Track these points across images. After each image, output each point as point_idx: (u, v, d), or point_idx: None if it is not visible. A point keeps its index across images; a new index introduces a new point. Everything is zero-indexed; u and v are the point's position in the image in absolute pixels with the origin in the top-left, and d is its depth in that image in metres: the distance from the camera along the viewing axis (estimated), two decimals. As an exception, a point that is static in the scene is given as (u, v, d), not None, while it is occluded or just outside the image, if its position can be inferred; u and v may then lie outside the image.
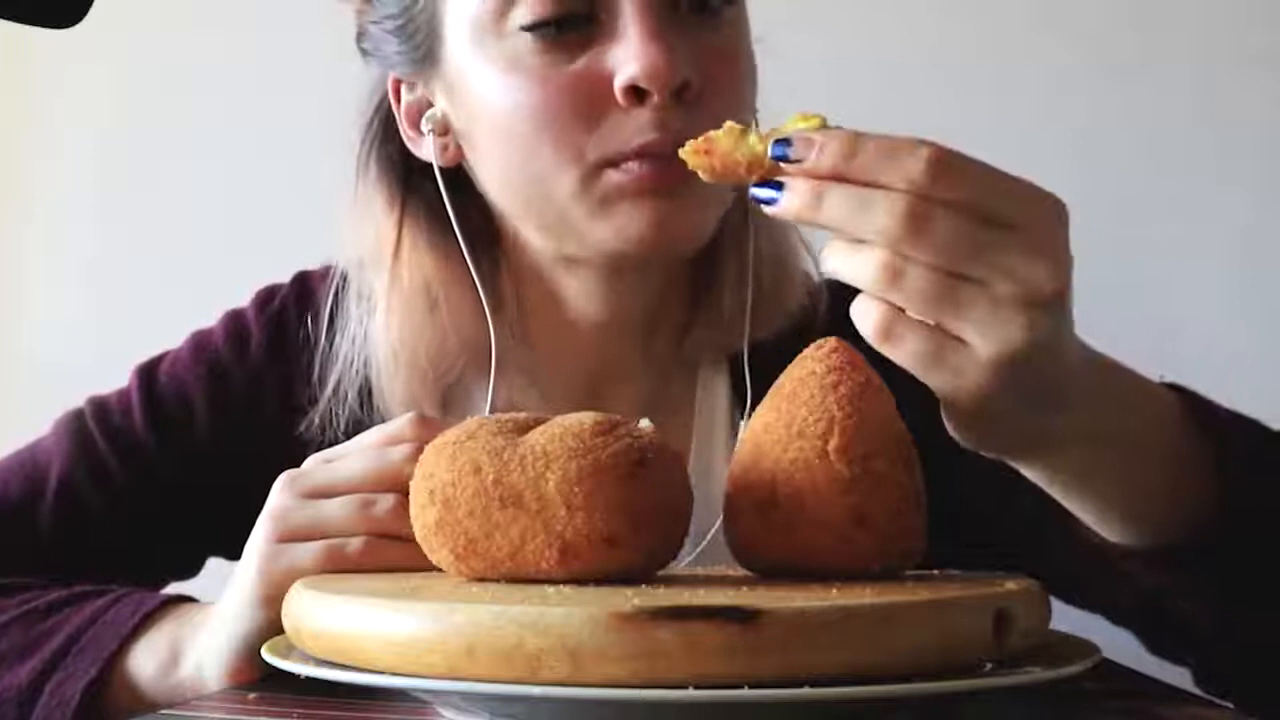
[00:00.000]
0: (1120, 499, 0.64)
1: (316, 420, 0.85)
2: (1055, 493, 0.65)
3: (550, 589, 0.57)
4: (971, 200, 0.53)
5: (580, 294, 0.85)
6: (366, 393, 0.85)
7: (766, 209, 0.57)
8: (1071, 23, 1.44)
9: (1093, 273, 0.65)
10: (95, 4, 0.72)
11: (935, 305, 0.54)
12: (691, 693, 0.48)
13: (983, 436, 0.60)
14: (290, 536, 0.69)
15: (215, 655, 0.71)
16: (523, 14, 0.75)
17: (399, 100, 0.86)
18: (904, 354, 0.56)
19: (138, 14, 1.49)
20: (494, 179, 0.82)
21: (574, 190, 0.76)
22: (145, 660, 0.75)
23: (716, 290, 0.87)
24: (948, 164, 0.53)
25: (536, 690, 0.49)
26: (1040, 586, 0.60)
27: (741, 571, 0.65)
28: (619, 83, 0.74)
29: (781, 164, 0.56)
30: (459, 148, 0.84)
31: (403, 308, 0.84)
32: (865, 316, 0.56)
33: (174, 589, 0.90)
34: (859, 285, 0.56)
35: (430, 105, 0.84)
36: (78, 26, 0.73)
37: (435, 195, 0.85)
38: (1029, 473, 0.64)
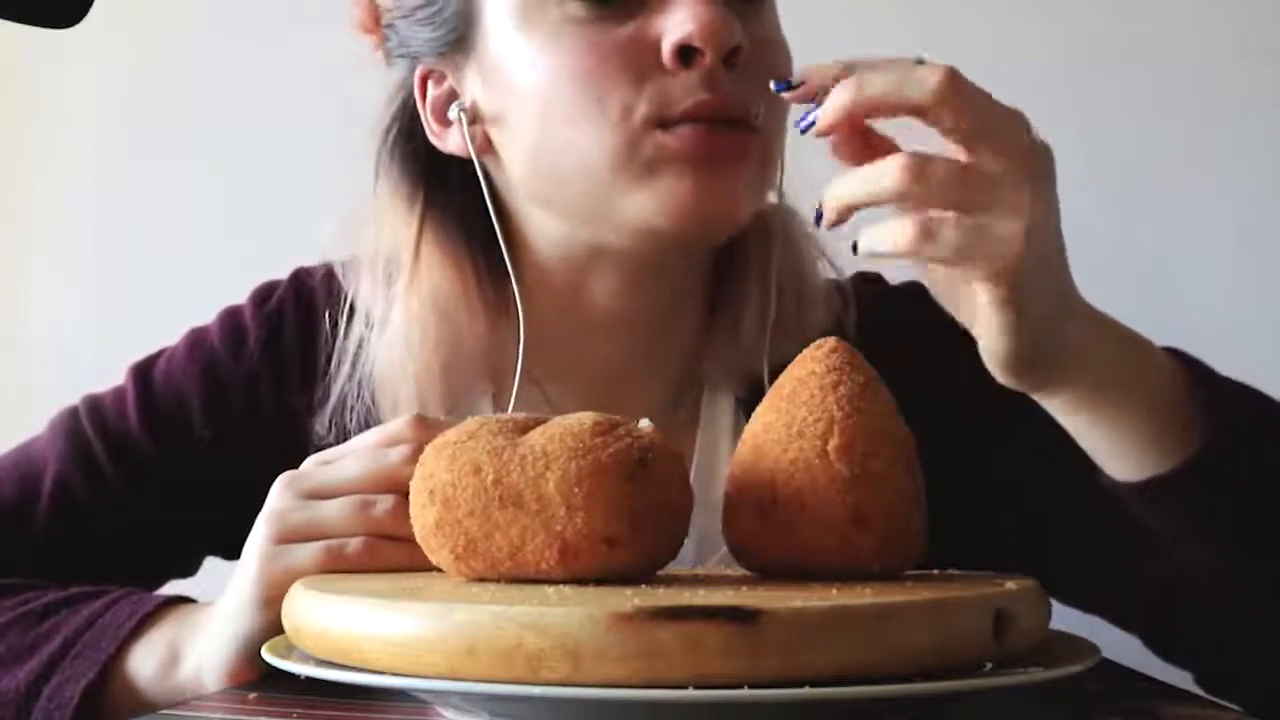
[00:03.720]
0: (1127, 430, 0.67)
1: (321, 422, 0.84)
2: (1078, 419, 0.67)
3: (550, 589, 0.57)
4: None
5: (596, 290, 0.84)
6: (371, 396, 0.84)
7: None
8: (1068, 19, 1.44)
9: (1091, 269, 0.66)
10: (95, 4, 0.72)
11: (960, 189, 0.59)
12: (691, 693, 0.48)
13: (1024, 347, 0.62)
14: (289, 537, 0.69)
15: (214, 656, 0.71)
16: None
17: (424, 96, 0.85)
18: (947, 247, 0.59)
19: (138, 14, 1.49)
20: (523, 157, 0.81)
21: (618, 152, 0.75)
22: (144, 662, 0.75)
23: (736, 308, 0.86)
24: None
25: (536, 690, 0.49)
26: (1040, 586, 0.60)
27: (741, 571, 0.65)
28: (670, 42, 0.74)
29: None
30: (486, 137, 0.83)
31: (417, 316, 0.83)
32: (900, 230, 0.60)
33: (172, 588, 0.90)
34: (885, 196, 0.60)
35: (458, 96, 0.83)
36: (78, 26, 0.73)
37: (454, 197, 0.85)
38: (1058, 398, 0.66)
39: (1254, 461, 0.67)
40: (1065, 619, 0.68)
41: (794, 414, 0.60)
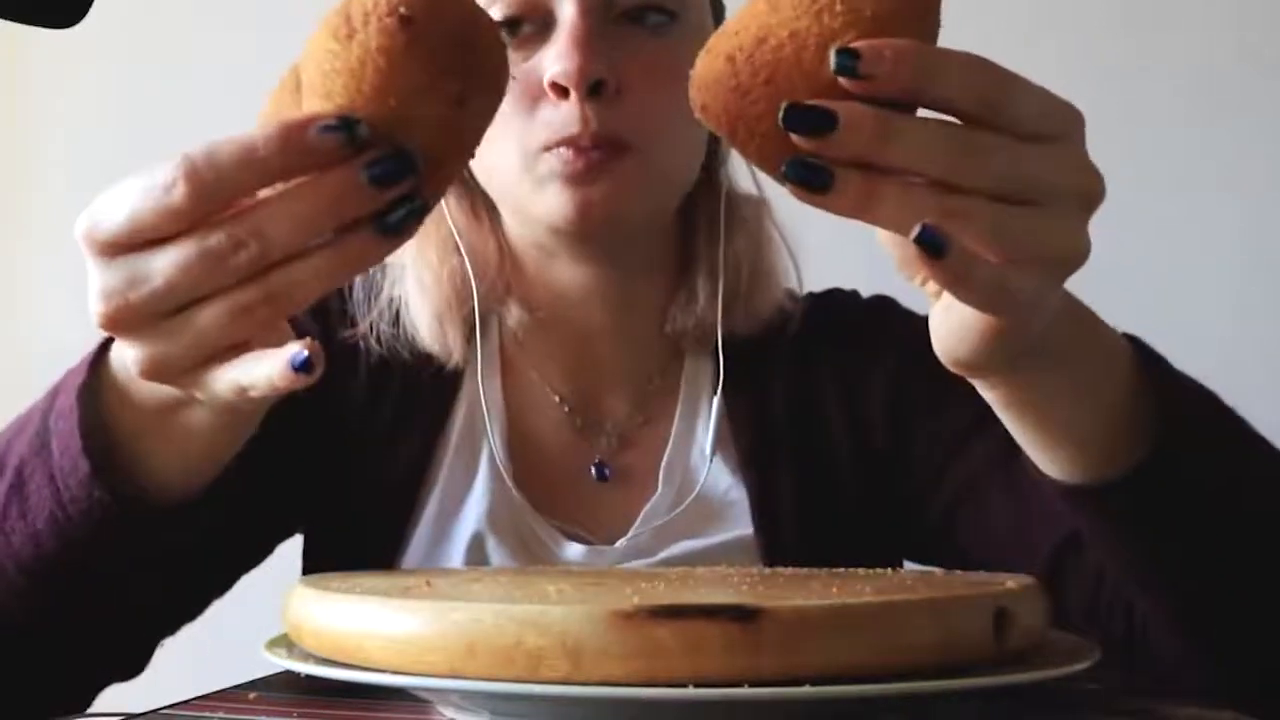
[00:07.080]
0: (1067, 432, 0.63)
1: (355, 340, 0.92)
2: (1012, 415, 0.63)
3: (551, 587, 0.57)
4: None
5: (558, 267, 0.93)
6: (396, 319, 0.93)
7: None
8: (1070, 24, 1.45)
9: (1091, 273, 0.66)
10: (95, 4, 0.72)
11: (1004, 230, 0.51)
12: (691, 692, 0.48)
13: (1008, 356, 0.57)
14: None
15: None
16: (494, 12, 0.85)
17: None
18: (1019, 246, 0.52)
19: (138, 14, 1.50)
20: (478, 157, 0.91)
21: (521, 164, 0.85)
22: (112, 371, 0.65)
23: (691, 280, 0.95)
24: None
25: (536, 689, 0.49)
26: (1040, 585, 0.60)
27: (741, 570, 0.65)
28: (545, 80, 0.84)
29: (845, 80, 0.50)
30: None
31: (430, 240, 0.93)
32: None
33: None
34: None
35: None
36: (78, 26, 0.73)
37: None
38: (996, 393, 0.62)
39: (1194, 480, 0.63)
40: (1065, 619, 0.68)
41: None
